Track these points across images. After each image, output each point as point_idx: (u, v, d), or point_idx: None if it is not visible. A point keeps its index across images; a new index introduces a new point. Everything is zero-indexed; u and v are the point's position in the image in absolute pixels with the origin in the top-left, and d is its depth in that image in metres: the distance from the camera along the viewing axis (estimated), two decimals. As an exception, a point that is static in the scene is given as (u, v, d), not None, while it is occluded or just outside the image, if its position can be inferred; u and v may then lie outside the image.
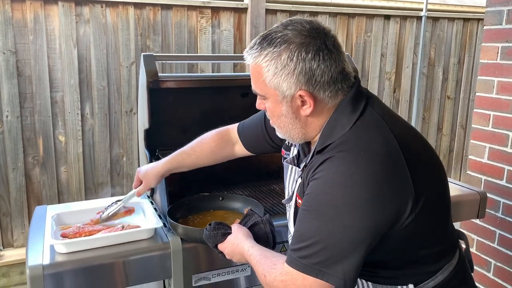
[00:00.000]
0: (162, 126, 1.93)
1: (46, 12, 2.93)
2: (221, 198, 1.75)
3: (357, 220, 0.97)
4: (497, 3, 2.38)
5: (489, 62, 2.45)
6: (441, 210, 1.15)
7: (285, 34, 1.05)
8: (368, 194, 0.97)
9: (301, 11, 3.75)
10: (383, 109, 1.12)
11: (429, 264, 1.13)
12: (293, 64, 1.03)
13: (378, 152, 1.01)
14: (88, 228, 1.47)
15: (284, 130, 1.16)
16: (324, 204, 1.00)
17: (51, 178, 3.12)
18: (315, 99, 1.07)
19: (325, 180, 1.01)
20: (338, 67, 1.07)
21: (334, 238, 0.98)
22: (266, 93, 1.11)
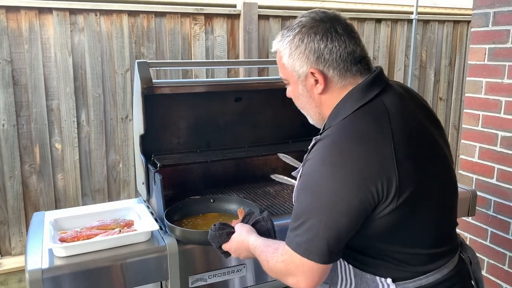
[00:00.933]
0: (157, 132, 1.96)
1: (41, 21, 2.96)
2: (212, 200, 1.80)
3: (339, 198, 1.03)
4: (483, 6, 2.44)
5: (477, 63, 2.50)
6: (434, 214, 1.14)
7: (300, 20, 1.18)
8: (350, 175, 1.03)
9: (294, 16, 3.79)
10: (396, 102, 1.15)
11: (412, 264, 1.14)
12: (304, 44, 1.14)
13: (367, 137, 1.07)
14: (86, 232, 1.50)
15: (305, 110, 1.26)
16: (313, 183, 1.08)
17: (48, 186, 3.14)
18: (325, 77, 1.15)
19: (314, 160, 1.09)
20: (348, 48, 1.14)
21: (320, 215, 1.05)
22: (286, 76, 1.23)
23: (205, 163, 1.99)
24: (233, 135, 2.17)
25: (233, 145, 2.15)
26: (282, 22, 3.75)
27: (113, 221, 1.60)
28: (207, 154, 2.01)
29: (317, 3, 4.11)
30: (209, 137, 2.13)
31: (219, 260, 1.58)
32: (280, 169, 2.32)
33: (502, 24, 2.35)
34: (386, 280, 1.13)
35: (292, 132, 2.30)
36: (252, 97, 2.15)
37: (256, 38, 3.60)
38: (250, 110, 2.17)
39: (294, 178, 1.42)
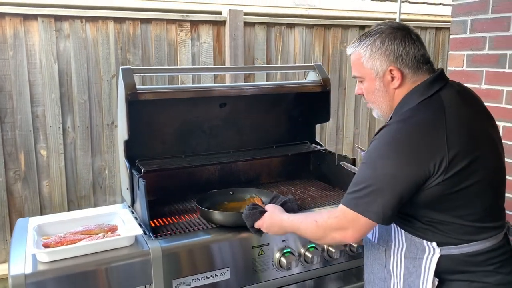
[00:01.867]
0: (142, 137, 1.98)
1: (26, 28, 2.96)
2: (231, 192, 2.03)
3: (395, 169, 1.27)
4: (461, 13, 2.51)
5: (456, 69, 2.57)
6: (479, 192, 1.31)
7: (379, 28, 1.40)
8: (409, 154, 1.27)
9: (279, 23, 3.84)
10: (453, 98, 1.35)
11: (457, 233, 1.32)
12: (385, 47, 1.36)
13: (424, 126, 1.29)
14: (69, 237, 1.51)
15: (377, 104, 1.46)
16: (377, 157, 1.32)
17: (33, 193, 3.13)
18: (402, 73, 1.37)
19: (379, 140, 1.34)
20: (420, 51, 1.38)
21: (379, 183, 1.28)
22: (363, 74, 1.43)
23: (189, 168, 2.02)
24: (217, 140, 2.20)
25: (217, 150, 2.17)
26: (267, 29, 3.79)
27: (97, 226, 1.61)
28: (191, 159, 2.03)
29: (302, 11, 4.16)
30: (194, 142, 2.15)
31: (203, 263, 1.60)
32: (265, 173, 2.36)
33: (479, 31, 2.42)
34: (432, 243, 1.33)
35: (276, 137, 2.33)
36: (236, 103, 2.18)
37: (242, 45, 3.64)
38: (234, 115, 2.20)
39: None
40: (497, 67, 2.36)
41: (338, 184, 2.16)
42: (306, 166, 2.37)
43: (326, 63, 4.11)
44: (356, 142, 4.40)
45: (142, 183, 1.67)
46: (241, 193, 2.01)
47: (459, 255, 1.33)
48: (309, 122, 2.36)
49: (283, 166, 2.36)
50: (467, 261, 1.33)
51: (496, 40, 2.35)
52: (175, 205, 2.00)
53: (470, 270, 1.34)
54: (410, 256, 1.37)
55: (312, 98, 2.25)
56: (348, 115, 4.30)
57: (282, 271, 1.72)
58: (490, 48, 2.39)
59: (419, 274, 1.35)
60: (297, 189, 2.18)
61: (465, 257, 1.33)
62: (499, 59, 2.34)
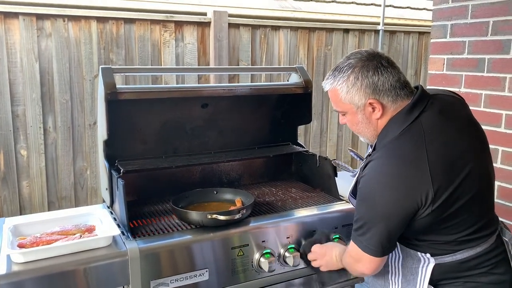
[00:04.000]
0: (122, 137, 1.96)
1: (7, 26, 2.92)
2: (215, 191, 1.99)
3: (387, 207, 1.34)
4: (441, 18, 2.55)
5: (437, 72, 2.61)
6: (466, 214, 1.37)
7: (349, 62, 1.41)
8: (397, 191, 1.33)
9: (263, 25, 3.86)
10: (435, 121, 1.38)
11: (450, 245, 1.40)
12: (359, 82, 1.38)
13: (408, 158, 1.34)
14: (46, 238, 1.49)
15: (362, 134, 1.50)
16: (369, 197, 1.38)
17: (12, 193, 3.08)
18: (382, 104, 1.40)
19: (368, 177, 1.39)
20: (394, 77, 1.40)
21: (375, 222, 1.36)
22: (344, 109, 1.46)
23: (170, 168, 2.00)
24: (199, 141, 2.19)
25: (199, 151, 2.16)
26: (252, 30, 3.80)
27: (74, 227, 1.59)
28: (172, 160, 2.02)
29: (287, 13, 4.18)
30: (175, 143, 2.14)
31: (181, 264, 1.59)
32: (246, 174, 2.35)
33: (459, 36, 2.46)
34: (426, 255, 1.42)
35: (258, 138, 2.33)
36: (218, 104, 2.17)
37: (226, 46, 3.64)
38: (216, 116, 2.19)
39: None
40: (476, 71, 2.40)
41: (318, 185, 2.16)
42: (288, 168, 2.38)
43: (311, 66, 4.13)
44: (339, 144, 4.43)
45: (121, 183, 1.65)
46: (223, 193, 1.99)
47: (452, 262, 1.40)
48: (292, 123, 2.36)
49: (265, 167, 2.36)
50: (460, 267, 1.41)
51: (475, 44, 2.39)
52: (155, 206, 1.98)
53: (463, 274, 1.41)
54: (407, 265, 1.47)
55: (294, 100, 2.26)
56: (332, 118, 4.33)
57: (262, 272, 1.71)
58: (469, 52, 2.43)
59: (416, 282, 1.44)
60: (279, 190, 2.18)
61: (458, 263, 1.40)
62: (478, 63, 2.38)
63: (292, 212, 1.87)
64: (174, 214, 1.81)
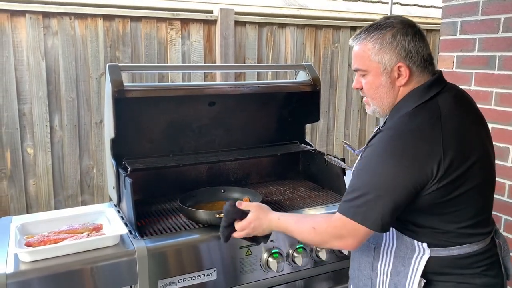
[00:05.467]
0: (129, 136, 1.95)
1: (13, 24, 2.92)
2: (222, 190, 1.99)
3: (393, 176, 1.26)
4: (451, 15, 2.51)
5: (446, 70, 2.57)
6: (470, 201, 1.32)
7: (390, 22, 1.35)
8: (406, 162, 1.26)
9: (270, 23, 3.83)
10: (450, 104, 1.34)
11: (447, 236, 1.34)
12: (396, 41, 1.32)
13: (421, 133, 1.28)
14: (53, 237, 1.48)
15: (378, 100, 1.40)
16: (374, 165, 1.31)
17: (19, 191, 3.08)
18: (410, 71, 1.34)
19: (375, 147, 1.32)
20: (428, 50, 1.36)
21: (377, 190, 1.27)
22: (369, 67, 1.37)
23: (177, 167, 1.99)
24: (206, 139, 2.17)
25: (206, 150, 2.15)
26: (259, 28, 3.78)
27: (81, 226, 1.58)
28: (179, 158, 2.00)
29: (293, 11, 4.16)
30: (182, 141, 2.13)
31: (189, 264, 1.58)
32: (254, 173, 2.34)
33: (469, 33, 2.43)
34: (422, 244, 1.34)
35: (265, 136, 2.32)
36: (225, 102, 2.16)
37: (232, 44, 3.62)
38: (223, 114, 2.18)
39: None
40: (486, 68, 2.37)
41: (327, 184, 2.15)
42: (296, 166, 2.36)
43: (317, 64, 4.10)
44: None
45: (128, 181, 1.64)
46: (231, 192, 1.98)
47: (447, 257, 1.34)
48: (299, 122, 2.34)
49: (272, 166, 2.35)
50: (455, 263, 1.34)
51: (486, 41, 2.36)
52: (162, 205, 1.97)
53: (457, 272, 1.35)
54: (399, 255, 1.38)
55: (302, 98, 2.24)
56: (338, 116, 4.30)
57: (270, 271, 1.70)
58: (479, 50, 2.40)
59: (407, 274, 1.35)
60: (286, 189, 2.17)
61: (453, 259, 1.34)
62: (489, 60, 2.35)
63: (301, 211, 1.85)
64: (181, 213, 1.80)
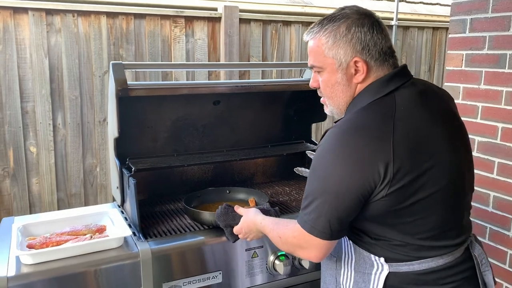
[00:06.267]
0: (133, 135, 1.92)
1: (16, 21, 2.89)
2: (228, 191, 1.96)
3: (342, 184, 1.15)
4: (460, 12, 2.47)
5: (455, 69, 2.53)
6: (430, 209, 1.18)
7: (344, 12, 1.24)
8: (352, 164, 1.14)
9: (275, 20, 3.79)
10: (410, 99, 1.22)
11: (405, 249, 1.21)
12: (351, 34, 1.20)
13: (370, 131, 1.16)
14: (55, 238, 1.45)
15: (334, 99, 1.29)
16: (320, 168, 1.20)
17: (22, 190, 3.06)
18: (367, 66, 1.22)
19: (323, 147, 1.21)
20: (387, 42, 1.24)
21: (324, 197, 1.16)
22: (323, 63, 1.25)
23: (181, 167, 1.96)
24: (211, 138, 2.14)
25: (211, 149, 2.11)
26: (263, 26, 3.74)
27: (84, 227, 1.55)
28: (184, 158, 1.97)
29: (298, 8, 4.11)
30: (186, 140, 2.09)
31: (194, 266, 1.55)
32: (259, 173, 2.30)
33: (479, 30, 2.38)
34: (380, 259, 1.23)
35: (271, 136, 2.28)
36: (231, 101, 2.12)
37: (237, 42, 3.59)
38: (228, 113, 2.14)
39: None
40: (496, 67, 2.32)
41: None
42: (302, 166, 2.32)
43: (322, 62, 4.06)
44: (351, 142, 4.35)
45: (132, 182, 1.61)
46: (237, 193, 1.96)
47: (408, 272, 1.21)
48: (305, 121, 2.30)
49: (278, 166, 2.31)
50: (418, 279, 1.21)
51: (496, 39, 2.31)
52: (167, 205, 1.94)
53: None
54: (359, 270, 1.27)
55: (308, 97, 2.20)
56: (344, 115, 4.26)
57: (277, 274, 1.66)
58: (489, 48, 2.35)
59: None
60: (292, 190, 2.13)
61: (414, 275, 1.21)
62: (499, 59, 2.30)
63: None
64: (186, 214, 1.77)
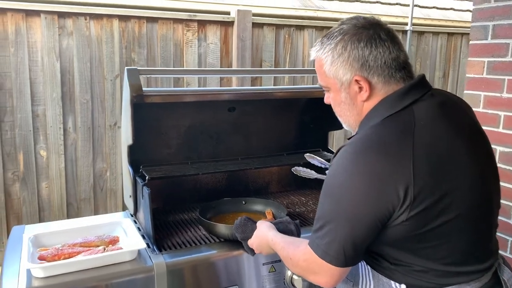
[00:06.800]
0: (146, 142, 1.87)
1: (28, 24, 2.87)
2: (244, 202, 1.89)
3: (357, 208, 1.06)
4: (482, 18, 2.40)
5: (476, 76, 2.46)
6: (454, 233, 1.10)
7: (341, 28, 1.16)
8: (369, 186, 1.06)
9: (288, 24, 3.74)
10: (430, 113, 1.13)
11: (427, 275, 1.12)
12: (347, 52, 1.13)
13: (387, 149, 1.07)
14: (67, 250, 1.40)
15: (344, 117, 1.24)
16: (334, 189, 1.11)
17: (31, 194, 3.03)
18: (370, 83, 1.14)
19: (336, 166, 1.12)
20: (392, 54, 1.13)
21: (338, 221, 1.08)
22: (327, 83, 1.21)
23: (196, 175, 1.91)
24: (225, 146, 2.09)
25: (225, 157, 2.06)
26: (276, 30, 3.69)
27: (97, 238, 1.51)
28: (198, 166, 1.92)
29: (310, 13, 4.06)
30: (200, 148, 2.04)
31: (209, 281, 1.50)
32: (274, 182, 2.25)
33: (502, 37, 2.31)
34: (400, 285, 1.14)
35: (287, 144, 2.23)
36: (245, 107, 2.07)
37: (249, 46, 3.54)
38: (243, 120, 2.09)
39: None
40: (520, 75, 2.25)
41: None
42: (318, 175, 2.26)
43: (336, 67, 4.00)
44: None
45: (147, 191, 1.56)
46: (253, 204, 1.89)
47: None
48: (322, 129, 2.24)
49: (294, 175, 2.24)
50: None
51: (520, 47, 2.24)
52: (180, 214, 1.89)
53: None
54: None
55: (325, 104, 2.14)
56: (356, 121, 4.20)
57: (294, 289, 1.60)
58: (513, 55, 2.28)
59: None
60: (309, 200, 2.07)
61: None
62: (523, 67, 2.23)
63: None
64: (201, 225, 1.71)
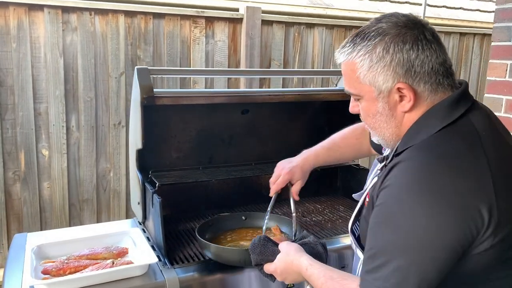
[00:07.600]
0: (155, 145, 1.78)
1: (31, 18, 2.76)
2: (244, 217, 1.70)
3: (433, 236, 0.87)
4: (506, 19, 2.30)
5: (497, 79, 2.36)
6: None
7: (379, 27, 0.99)
8: (446, 207, 0.87)
9: (298, 22, 3.64)
10: (486, 123, 0.99)
11: None
12: (389, 56, 0.97)
13: (461, 162, 0.91)
14: (73, 263, 1.31)
15: (378, 130, 1.07)
16: (397, 215, 0.91)
17: (33, 195, 2.93)
18: (415, 92, 0.98)
19: (396, 187, 0.93)
20: (439, 58, 0.98)
21: (409, 255, 0.89)
22: (360, 91, 1.04)
23: (208, 182, 1.81)
24: (238, 150, 2.00)
25: (238, 162, 1.97)
26: (286, 28, 3.59)
27: (104, 249, 1.41)
28: (210, 172, 1.83)
29: (320, 10, 3.96)
30: (212, 152, 1.95)
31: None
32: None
33: (527, 39, 2.22)
34: None
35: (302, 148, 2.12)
36: (258, 110, 1.98)
37: (258, 44, 3.44)
38: (256, 123, 2.00)
39: None
40: (545, 79, 2.16)
41: (369, 203, 1.95)
42: (334, 182, 2.17)
43: (345, 67, 3.90)
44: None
45: (157, 200, 1.47)
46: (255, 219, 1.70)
47: None
48: (337, 132, 2.15)
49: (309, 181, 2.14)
50: None
51: (546, 49, 2.15)
52: (191, 223, 1.80)
53: None
54: None
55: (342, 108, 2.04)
56: (365, 122, 4.11)
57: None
58: (538, 58, 2.19)
59: None
60: (325, 208, 1.98)
61: None
62: (549, 70, 2.14)
63: (347, 237, 1.66)
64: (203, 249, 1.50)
